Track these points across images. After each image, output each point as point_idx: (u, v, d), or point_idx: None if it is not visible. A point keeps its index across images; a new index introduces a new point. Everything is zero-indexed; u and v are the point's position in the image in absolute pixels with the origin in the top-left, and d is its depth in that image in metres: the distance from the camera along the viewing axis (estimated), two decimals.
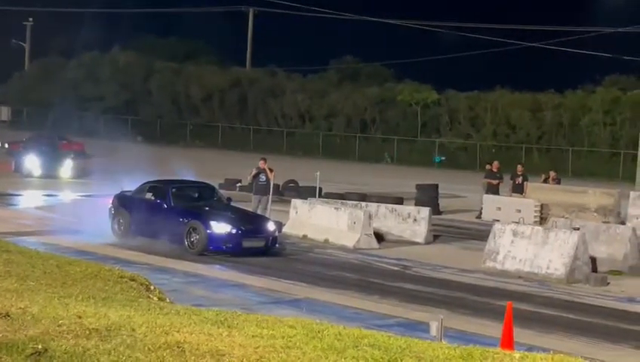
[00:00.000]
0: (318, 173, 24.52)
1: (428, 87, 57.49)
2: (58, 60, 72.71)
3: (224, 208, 19.66)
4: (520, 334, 11.12)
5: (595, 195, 26.76)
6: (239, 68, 67.41)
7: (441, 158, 53.72)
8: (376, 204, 22.96)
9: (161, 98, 67.33)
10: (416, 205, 24.96)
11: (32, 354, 6.46)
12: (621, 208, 25.92)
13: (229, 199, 20.61)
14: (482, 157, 49.36)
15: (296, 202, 22.58)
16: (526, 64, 62.55)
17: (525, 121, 52.24)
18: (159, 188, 19.87)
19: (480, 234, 21.57)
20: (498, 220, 22.51)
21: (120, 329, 7.25)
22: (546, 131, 52.14)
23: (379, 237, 21.05)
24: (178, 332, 7.27)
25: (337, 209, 21.28)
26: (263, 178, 22.72)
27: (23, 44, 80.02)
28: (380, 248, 20.39)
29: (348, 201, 23.49)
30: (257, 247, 18.63)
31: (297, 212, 22.07)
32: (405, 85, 58.79)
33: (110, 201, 20.48)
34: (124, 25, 71.17)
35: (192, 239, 18.42)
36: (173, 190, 19.60)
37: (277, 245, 19.23)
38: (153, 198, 19.66)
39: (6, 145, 44.22)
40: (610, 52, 45.87)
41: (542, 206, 26.16)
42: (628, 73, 50.88)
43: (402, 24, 59.68)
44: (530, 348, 10.04)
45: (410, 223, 21.90)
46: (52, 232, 20.19)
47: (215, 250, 18.35)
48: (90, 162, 34.20)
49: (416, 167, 48.35)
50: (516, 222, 20.97)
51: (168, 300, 10.68)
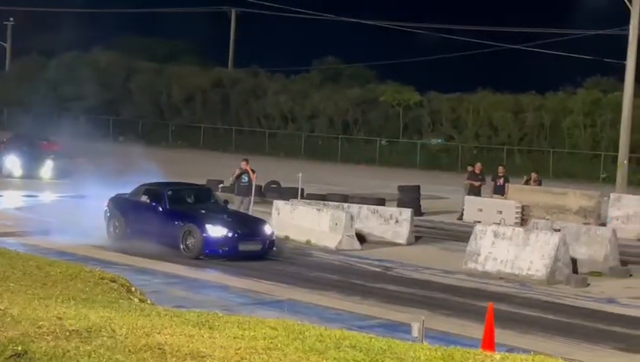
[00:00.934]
0: (300, 175, 24.52)
1: (410, 89, 57.52)
2: (39, 60, 72.26)
3: (220, 211, 19.41)
4: (501, 335, 11.16)
5: (576, 197, 26.93)
6: (221, 68, 67.22)
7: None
8: (358, 205, 22.99)
9: (142, 98, 67.02)
10: (398, 206, 25.01)
11: (12, 356, 6.43)
12: (601, 210, 26.08)
13: (226, 202, 20.34)
14: (464, 158, 49.47)
15: (278, 203, 22.56)
16: (508, 66, 62.69)
17: (507, 123, 52.38)
18: (155, 190, 19.62)
19: (461, 235, 21.64)
20: (479, 221, 22.59)
21: (100, 330, 7.21)
22: (528, 133, 52.30)
23: (361, 238, 21.08)
24: (159, 333, 7.25)
25: (319, 210, 21.29)
26: (245, 179, 22.70)
27: (4, 44, 79.55)
28: (362, 249, 20.41)
29: (330, 202, 23.50)
30: (254, 251, 18.35)
31: (279, 213, 22.05)
32: (387, 86, 58.82)
33: (105, 204, 20.15)
34: (105, 25, 70.87)
35: (188, 242, 18.20)
36: (169, 193, 19.36)
37: (274, 248, 18.87)
38: (149, 201, 19.41)
39: None
40: (591, 54, 46.07)
41: (523, 207, 26.28)
42: (609, 75, 51.09)
43: (384, 25, 59.70)
44: (510, 349, 10.08)
45: (392, 224, 21.94)
46: (32, 233, 20.08)
47: (211, 254, 18.10)
48: (70, 163, 33.96)
49: (398, 169, 48.41)
50: (497, 224, 21.03)
51: (149, 301, 10.64)
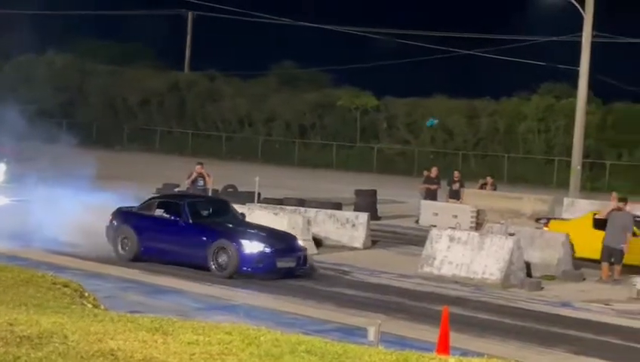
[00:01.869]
0: (257, 178, 24.44)
1: (367, 93, 57.75)
2: None
3: (246, 225, 18.07)
4: (456, 338, 11.22)
5: (530, 201, 27.23)
6: (178, 72, 66.86)
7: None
8: (314, 210, 22.99)
9: (97, 101, 66.39)
10: (355, 210, 25.07)
11: None
12: (555, 214, 26.40)
13: (243, 215, 18.91)
14: (420, 163, 49.73)
15: (234, 207, 22.43)
16: (463, 71, 63.14)
17: (462, 128, 52.81)
18: (172, 203, 18.17)
19: (418, 239, 21.75)
20: (435, 226, 22.73)
21: (52, 336, 7.10)
22: (483, 138, 52.77)
23: (317, 242, 21.07)
24: (112, 339, 7.16)
25: (276, 214, 21.22)
26: (201, 183, 22.57)
27: None
28: (319, 253, 20.39)
29: (287, 207, 23.47)
30: (290, 267, 17.11)
31: None
32: (345, 91, 58.99)
33: (110, 219, 18.43)
34: (61, 27, 69.94)
35: (220, 260, 16.78)
36: (188, 206, 17.80)
37: (307, 265, 17.63)
38: (166, 215, 17.82)
39: None
40: (545, 60, 46.53)
41: (478, 211, 26.50)
42: (562, 81, 51.70)
43: (341, 30, 59.75)
44: (465, 353, 10.15)
45: (348, 228, 21.98)
46: None
47: (248, 272, 16.76)
48: (23, 166, 33.49)
49: (354, 173, 48.53)
50: (453, 228, 21.19)
51: (103, 307, 10.51)
